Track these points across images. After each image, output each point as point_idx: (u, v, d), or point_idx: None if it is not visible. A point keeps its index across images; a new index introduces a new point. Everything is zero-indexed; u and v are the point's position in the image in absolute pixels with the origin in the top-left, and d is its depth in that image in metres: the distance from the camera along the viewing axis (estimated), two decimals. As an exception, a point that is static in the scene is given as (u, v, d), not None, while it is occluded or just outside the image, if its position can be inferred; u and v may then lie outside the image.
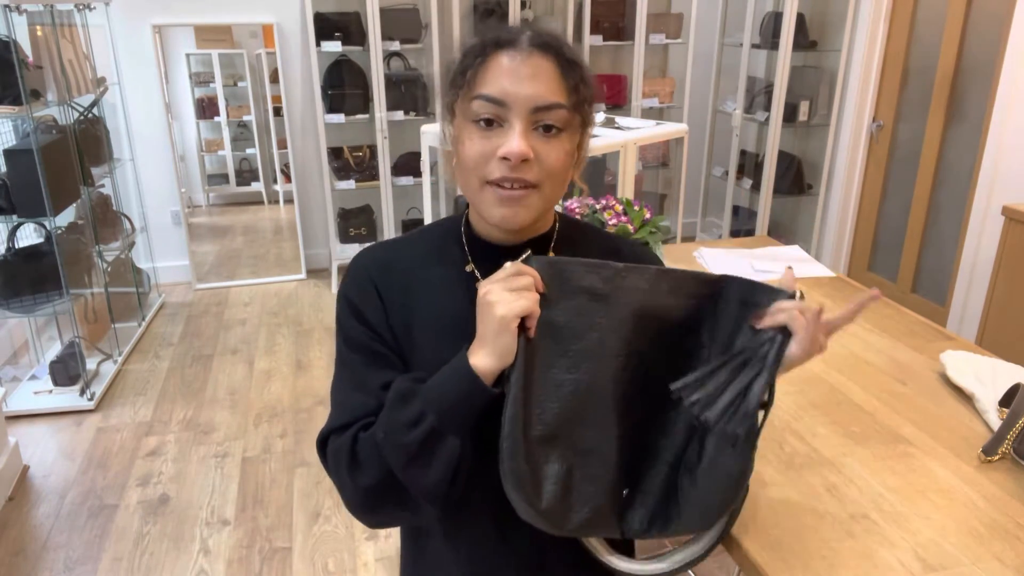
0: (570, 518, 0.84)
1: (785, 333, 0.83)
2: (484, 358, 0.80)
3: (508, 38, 0.84)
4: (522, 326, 0.79)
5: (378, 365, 0.90)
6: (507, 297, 0.78)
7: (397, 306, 0.93)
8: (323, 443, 0.89)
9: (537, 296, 0.79)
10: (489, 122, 0.83)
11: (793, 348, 0.84)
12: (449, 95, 0.88)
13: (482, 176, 0.84)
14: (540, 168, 0.83)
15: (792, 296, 0.85)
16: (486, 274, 0.87)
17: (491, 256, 0.91)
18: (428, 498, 0.83)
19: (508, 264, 0.81)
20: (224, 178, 4.87)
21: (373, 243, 1.00)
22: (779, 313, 0.83)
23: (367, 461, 0.84)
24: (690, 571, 2.03)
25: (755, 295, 0.86)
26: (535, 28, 0.86)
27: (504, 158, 0.81)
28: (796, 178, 4.30)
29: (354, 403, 0.88)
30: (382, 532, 2.27)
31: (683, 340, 0.89)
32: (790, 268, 0.91)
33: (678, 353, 0.89)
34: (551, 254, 0.94)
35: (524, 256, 0.82)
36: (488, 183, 0.84)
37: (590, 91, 0.86)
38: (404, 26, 3.88)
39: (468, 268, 0.94)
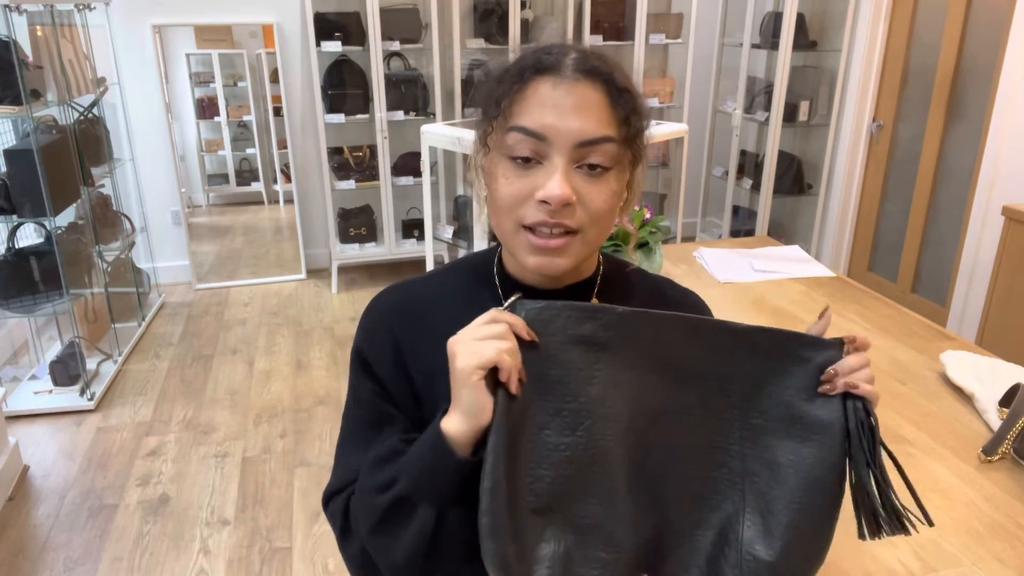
0: None
1: (855, 398, 0.73)
2: (454, 419, 0.70)
3: (550, 62, 0.73)
4: (501, 382, 0.69)
5: (383, 425, 0.83)
6: (471, 348, 0.68)
7: (418, 352, 0.83)
8: (326, 504, 0.84)
9: (510, 345, 0.68)
10: (527, 160, 0.73)
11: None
12: (482, 125, 0.78)
13: (517, 219, 0.74)
14: (584, 211, 0.73)
15: (840, 346, 0.74)
16: None
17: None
18: (395, 573, 0.74)
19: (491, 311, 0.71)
20: (224, 178, 4.88)
21: (393, 284, 0.90)
22: (839, 377, 0.73)
23: (355, 526, 0.78)
24: None
25: (795, 348, 0.75)
26: (581, 49, 0.76)
27: (543, 201, 0.72)
28: (796, 178, 4.30)
29: (354, 464, 0.81)
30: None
31: (712, 399, 0.76)
32: (827, 310, 0.80)
33: (706, 413, 0.76)
34: (594, 301, 0.84)
35: (512, 299, 0.72)
36: (524, 227, 0.74)
37: (643, 123, 0.76)
38: (404, 26, 3.88)
39: None
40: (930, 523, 0.72)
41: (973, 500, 1.12)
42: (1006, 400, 1.33)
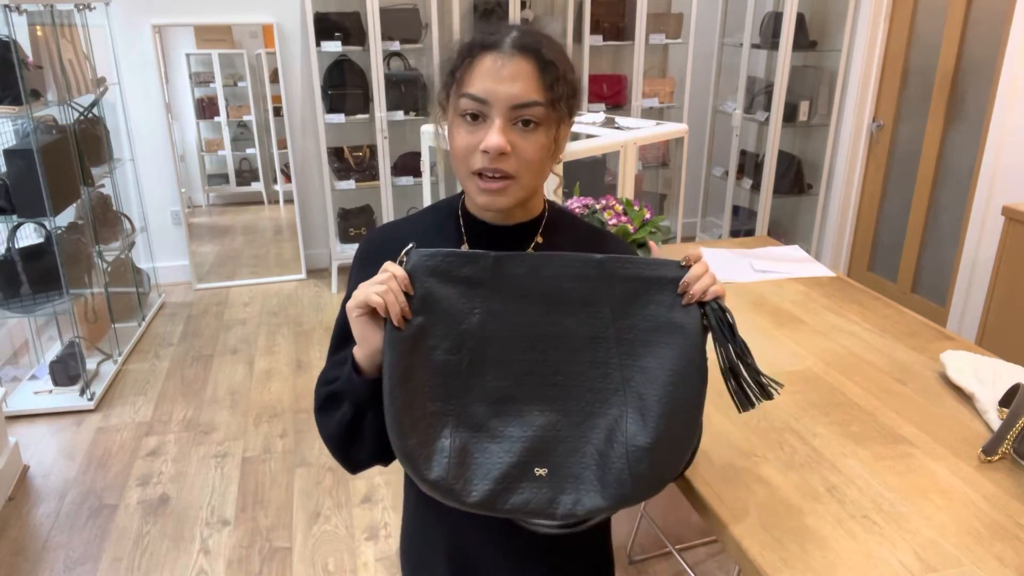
0: (469, 491, 0.88)
1: (710, 302, 0.89)
2: (357, 347, 0.92)
3: (493, 40, 0.91)
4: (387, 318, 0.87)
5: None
6: (360, 292, 0.87)
7: None
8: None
9: (387, 289, 0.86)
10: (475, 117, 0.90)
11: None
12: (442, 92, 0.97)
13: (468, 166, 0.92)
14: (517, 160, 0.90)
15: (679, 263, 0.91)
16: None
17: (484, 235, 1.02)
18: (329, 444, 0.97)
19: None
20: (224, 178, 4.87)
21: (382, 224, 1.11)
22: (691, 285, 0.89)
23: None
24: (690, 571, 2.03)
25: (646, 270, 0.91)
26: (521, 29, 0.93)
27: (485, 151, 0.89)
28: (796, 178, 4.30)
29: (334, 359, 1.01)
30: (382, 532, 2.27)
31: (587, 322, 0.92)
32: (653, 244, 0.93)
33: (584, 336, 0.91)
34: (539, 238, 1.03)
35: (406, 249, 0.89)
36: (473, 172, 0.92)
37: (568, 88, 0.93)
38: (404, 26, 3.88)
39: (463, 246, 1.02)
40: (779, 385, 0.91)
41: (973, 500, 1.12)
42: (1006, 400, 1.32)
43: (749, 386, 0.90)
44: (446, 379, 0.89)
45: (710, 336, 0.90)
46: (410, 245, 0.90)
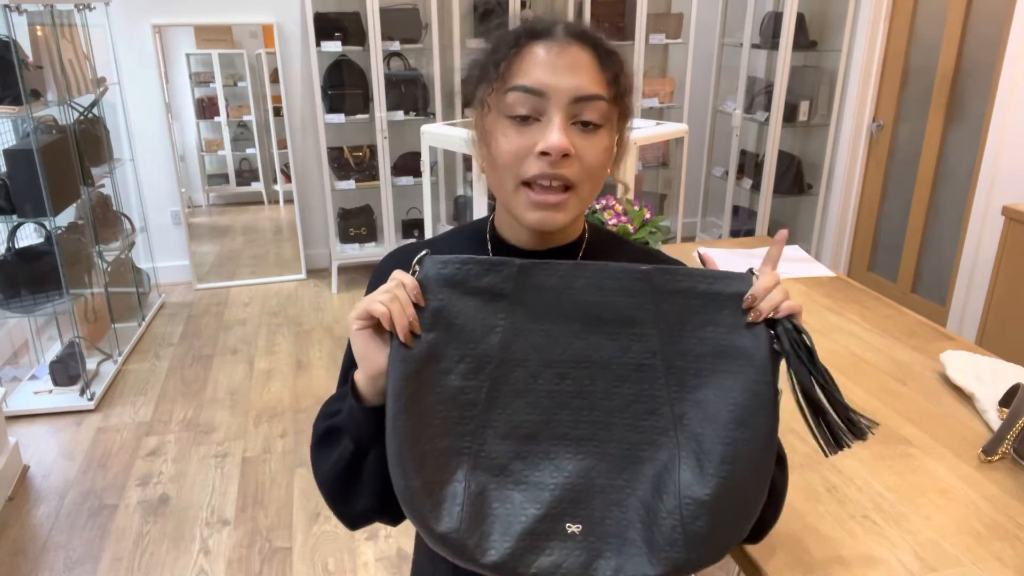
0: (485, 548, 0.72)
1: (781, 320, 0.75)
2: (359, 369, 0.78)
3: (543, 27, 0.80)
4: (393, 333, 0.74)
5: None
6: (364, 301, 0.75)
7: None
8: None
9: (396, 297, 0.74)
10: (525, 118, 0.78)
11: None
12: (480, 89, 0.83)
13: (518, 175, 0.79)
14: (579, 165, 0.78)
15: (748, 275, 0.77)
16: None
17: None
18: (323, 490, 0.83)
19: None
20: (224, 178, 4.88)
21: (404, 244, 0.98)
22: (759, 302, 0.75)
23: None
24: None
25: (704, 284, 0.76)
26: (569, 20, 0.82)
27: (544, 152, 0.76)
28: (796, 178, 4.30)
29: (338, 391, 0.89)
30: (382, 532, 2.27)
31: (631, 346, 0.76)
32: (784, 232, 0.83)
33: (627, 363, 0.76)
34: None
35: (419, 256, 0.77)
36: (524, 183, 0.79)
37: (629, 83, 0.82)
38: (404, 26, 3.88)
39: None
40: (874, 424, 0.76)
41: (973, 500, 1.12)
42: (1006, 400, 1.32)
43: (836, 424, 0.75)
44: (461, 410, 0.75)
45: (782, 362, 0.76)
46: (423, 252, 0.77)
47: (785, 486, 0.86)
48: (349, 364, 0.87)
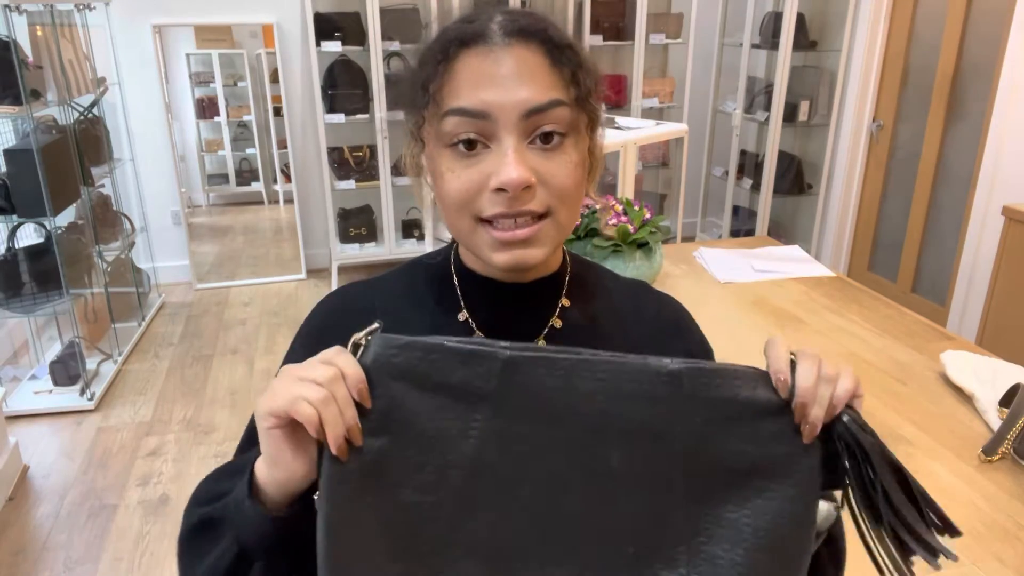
0: None
1: (838, 421, 0.59)
2: (261, 461, 0.58)
3: (474, 31, 0.63)
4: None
5: None
6: (282, 386, 0.54)
7: None
8: None
9: (331, 395, 0.53)
10: (469, 144, 0.62)
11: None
12: (411, 118, 0.67)
13: (473, 214, 0.64)
14: (547, 191, 0.63)
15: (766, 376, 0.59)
16: (484, 324, 0.70)
17: (491, 299, 0.72)
18: None
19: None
20: (224, 178, 4.88)
21: (336, 289, 0.79)
22: (810, 407, 0.57)
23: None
24: None
25: (746, 388, 0.58)
26: (506, 10, 0.66)
27: (500, 189, 0.61)
28: (796, 178, 4.30)
29: (230, 463, 0.69)
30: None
31: (642, 460, 0.59)
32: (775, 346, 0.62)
33: (636, 479, 0.59)
34: (564, 301, 0.74)
35: (368, 329, 0.57)
36: (482, 221, 0.64)
37: (593, 79, 0.66)
38: (404, 26, 3.88)
39: (461, 316, 0.72)
40: (957, 533, 0.60)
41: (973, 500, 1.12)
42: (1006, 400, 1.33)
43: (909, 551, 0.59)
44: (417, 527, 0.57)
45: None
46: (374, 325, 0.58)
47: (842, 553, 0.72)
48: (251, 437, 0.68)
